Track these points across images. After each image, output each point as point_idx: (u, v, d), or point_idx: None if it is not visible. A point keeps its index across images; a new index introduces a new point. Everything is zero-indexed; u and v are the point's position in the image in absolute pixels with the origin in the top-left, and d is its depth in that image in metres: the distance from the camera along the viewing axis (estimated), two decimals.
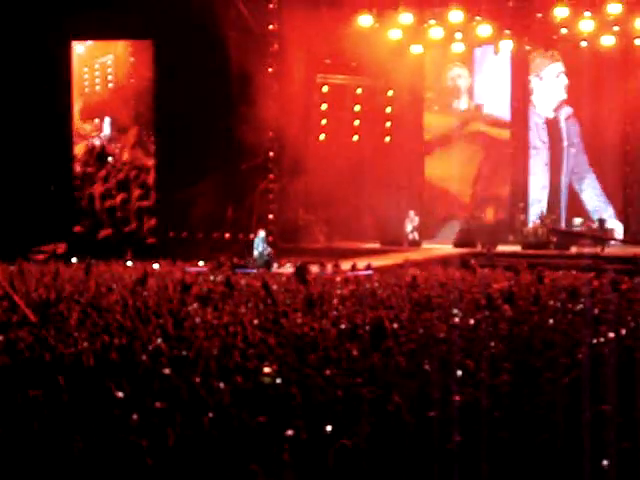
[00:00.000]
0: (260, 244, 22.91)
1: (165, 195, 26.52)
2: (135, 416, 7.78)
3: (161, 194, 26.70)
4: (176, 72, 25.93)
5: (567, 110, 27.95)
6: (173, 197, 26.12)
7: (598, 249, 24.66)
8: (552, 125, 28.20)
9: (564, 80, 27.72)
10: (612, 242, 26.02)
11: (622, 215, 27.29)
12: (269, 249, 22.96)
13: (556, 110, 28.07)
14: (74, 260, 23.96)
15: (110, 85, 28.23)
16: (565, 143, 27.95)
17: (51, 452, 6.93)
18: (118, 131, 28.08)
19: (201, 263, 23.25)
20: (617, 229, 26.93)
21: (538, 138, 28.26)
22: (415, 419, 7.65)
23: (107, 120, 27.99)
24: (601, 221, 26.41)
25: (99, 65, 28.18)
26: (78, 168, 28.00)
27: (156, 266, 22.08)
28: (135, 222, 27.29)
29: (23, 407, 8.07)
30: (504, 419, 7.48)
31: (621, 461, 6.60)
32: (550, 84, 27.91)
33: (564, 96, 27.85)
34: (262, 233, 23.20)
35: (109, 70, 28.21)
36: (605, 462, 6.50)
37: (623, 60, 26.73)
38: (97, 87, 28.36)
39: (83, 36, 27.38)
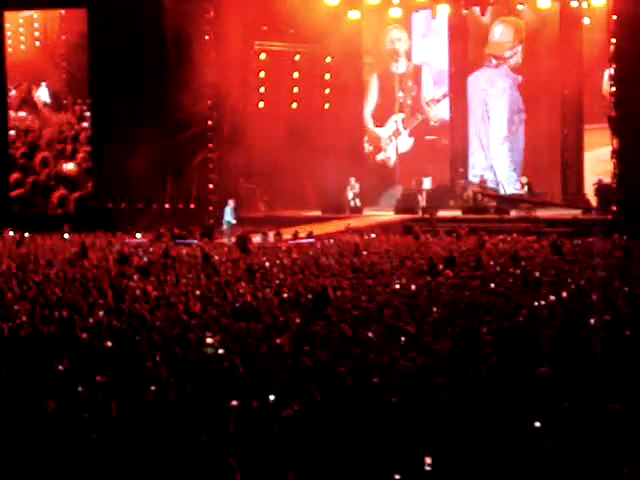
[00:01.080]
0: (229, 214, 22.90)
1: (102, 165, 26.20)
2: (77, 389, 7.72)
3: (98, 164, 26.37)
4: (111, 41, 25.56)
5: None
6: (110, 167, 25.81)
7: (536, 212, 24.95)
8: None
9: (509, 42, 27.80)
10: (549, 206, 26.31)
11: (561, 179, 27.59)
12: (233, 220, 22.96)
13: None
14: (11, 234, 23.66)
15: (37, 44, 27.82)
16: (507, 108, 28.04)
17: None
18: (52, 98, 27.67)
19: (140, 234, 23.08)
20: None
21: (481, 103, 28.33)
22: (359, 386, 7.67)
23: (43, 86, 27.49)
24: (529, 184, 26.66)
25: (24, 20, 27.73)
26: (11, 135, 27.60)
27: (95, 238, 21.89)
28: (72, 193, 26.96)
29: None
30: (446, 383, 7.51)
31: (560, 422, 6.66)
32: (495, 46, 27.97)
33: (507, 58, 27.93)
34: (231, 203, 23.14)
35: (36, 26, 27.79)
36: (538, 423, 6.56)
37: (561, 22, 26.92)
38: (22, 46, 27.92)
39: (17, 8, 26.95)
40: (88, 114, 26.79)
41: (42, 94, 27.50)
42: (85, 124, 26.94)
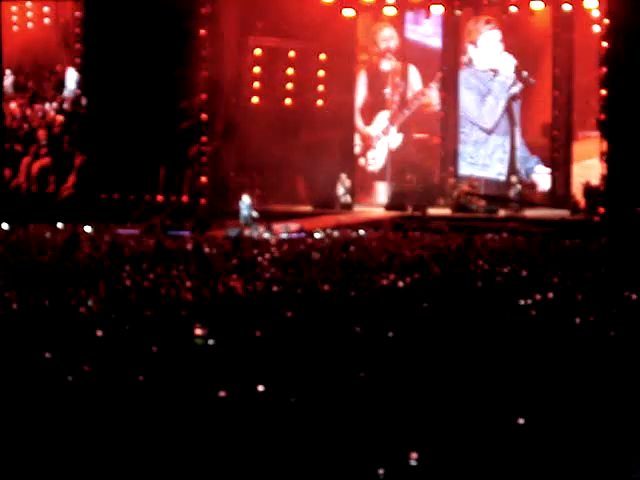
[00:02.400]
0: (246, 209, 23.07)
1: (96, 156, 26.27)
2: (67, 379, 7.80)
3: (91, 154, 26.43)
4: (105, 33, 25.63)
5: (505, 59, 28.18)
6: (103, 158, 25.89)
7: (525, 212, 25.16)
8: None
9: (500, 47, 27.95)
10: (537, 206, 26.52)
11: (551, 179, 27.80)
12: (254, 212, 23.19)
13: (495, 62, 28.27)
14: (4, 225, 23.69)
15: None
16: (501, 110, 28.21)
17: None
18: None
19: (132, 225, 23.17)
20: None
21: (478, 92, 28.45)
22: (347, 380, 7.80)
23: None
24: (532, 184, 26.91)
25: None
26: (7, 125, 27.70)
27: (87, 228, 21.95)
28: (65, 183, 27.02)
29: None
30: (433, 381, 7.64)
31: (542, 424, 6.80)
32: (486, 51, 28.11)
33: (499, 63, 28.09)
34: (247, 198, 23.33)
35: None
36: (521, 420, 6.70)
37: (552, 25, 27.08)
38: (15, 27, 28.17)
39: None
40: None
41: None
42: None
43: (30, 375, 7.97)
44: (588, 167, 26.24)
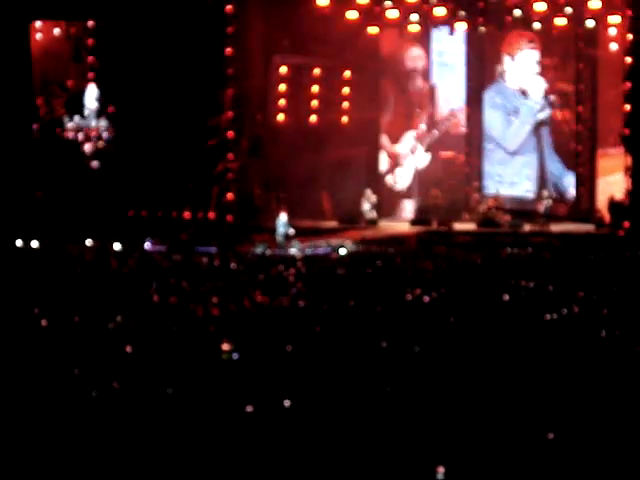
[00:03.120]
0: (282, 226, 23.21)
1: (122, 172, 26.42)
2: (93, 394, 7.88)
3: (119, 172, 26.58)
4: (129, 54, 25.82)
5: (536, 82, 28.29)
6: (131, 175, 26.06)
7: (550, 227, 25.17)
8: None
9: (535, 69, 28.06)
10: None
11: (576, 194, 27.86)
12: (291, 230, 23.27)
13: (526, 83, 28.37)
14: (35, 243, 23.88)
15: None
16: (525, 134, 28.34)
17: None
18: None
19: (160, 242, 23.30)
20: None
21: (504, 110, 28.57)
22: (372, 396, 7.86)
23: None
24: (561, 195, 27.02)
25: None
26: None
27: (117, 245, 22.13)
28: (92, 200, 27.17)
29: None
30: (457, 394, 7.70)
31: (571, 438, 6.84)
32: (522, 68, 28.22)
33: (531, 84, 28.19)
34: (284, 216, 23.45)
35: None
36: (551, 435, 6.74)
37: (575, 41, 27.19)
38: None
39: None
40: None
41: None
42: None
43: (59, 390, 8.11)
44: (610, 183, 26.30)
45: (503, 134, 28.50)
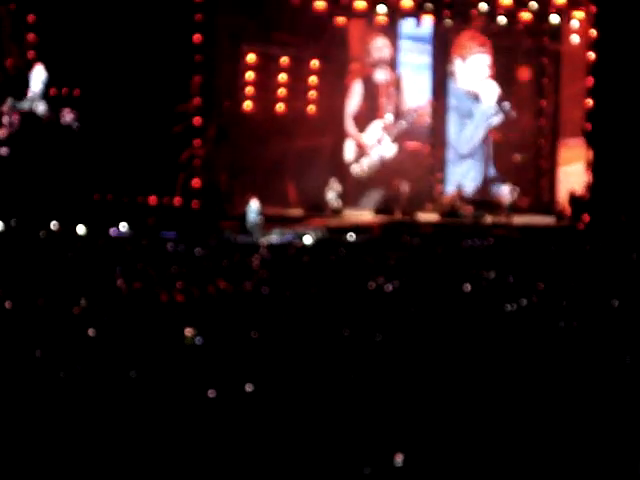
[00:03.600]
0: (253, 213, 23.23)
1: (89, 157, 26.35)
2: (58, 376, 7.96)
3: (84, 156, 26.50)
4: (97, 40, 25.73)
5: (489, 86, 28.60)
6: (96, 159, 26.00)
7: (511, 220, 25.45)
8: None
9: (486, 72, 28.35)
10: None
11: (534, 187, 28.22)
12: (260, 218, 23.30)
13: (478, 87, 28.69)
14: None
15: None
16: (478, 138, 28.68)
17: None
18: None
19: (125, 226, 23.29)
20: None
21: (458, 112, 28.89)
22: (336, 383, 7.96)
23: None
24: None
25: None
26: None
27: (81, 229, 22.10)
28: (57, 185, 27.08)
29: None
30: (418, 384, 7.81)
31: (540, 425, 7.01)
32: (473, 71, 28.50)
33: (486, 75, 28.47)
34: (255, 203, 23.45)
35: None
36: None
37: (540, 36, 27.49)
38: None
39: None
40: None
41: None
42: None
43: (23, 374, 8.16)
44: (569, 174, 26.67)
45: (457, 137, 28.87)
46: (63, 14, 25.61)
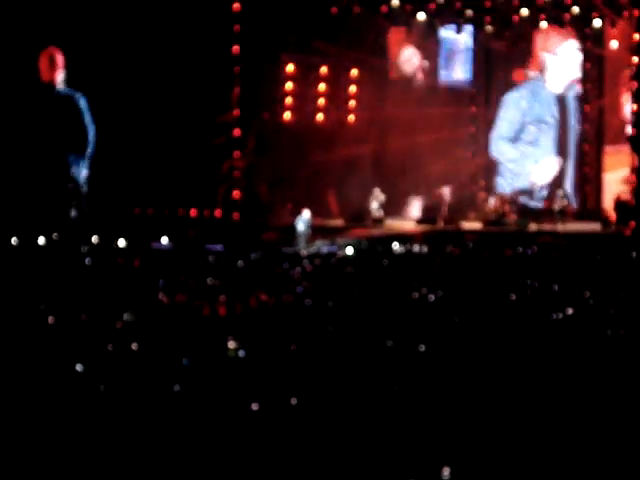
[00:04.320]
0: (303, 223, 23.21)
1: (130, 170, 26.43)
2: (99, 389, 7.89)
3: (122, 168, 26.57)
4: (137, 51, 25.81)
5: (576, 88, 28.29)
6: (136, 172, 26.06)
7: (557, 227, 25.17)
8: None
9: (578, 57, 27.94)
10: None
11: (580, 193, 27.91)
12: (309, 229, 23.27)
13: (566, 88, 28.37)
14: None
15: None
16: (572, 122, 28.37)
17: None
18: None
19: (166, 239, 23.32)
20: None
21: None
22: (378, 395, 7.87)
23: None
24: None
25: None
26: None
27: (122, 243, 22.15)
28: (98, 199, 27.19)
29: None
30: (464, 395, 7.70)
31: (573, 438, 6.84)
32: (564, 61, 28.12)
33: (577, 74, 28.13)
34: (307, 214, 23.43)
35: None
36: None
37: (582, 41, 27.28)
38: None
39: None
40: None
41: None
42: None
43: (64, 388, 8.10)
44: (613, 180, 26.39)
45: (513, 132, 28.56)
46: (100, 29, 25.74)
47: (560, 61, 28.06)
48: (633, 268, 17.86)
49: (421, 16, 27.03)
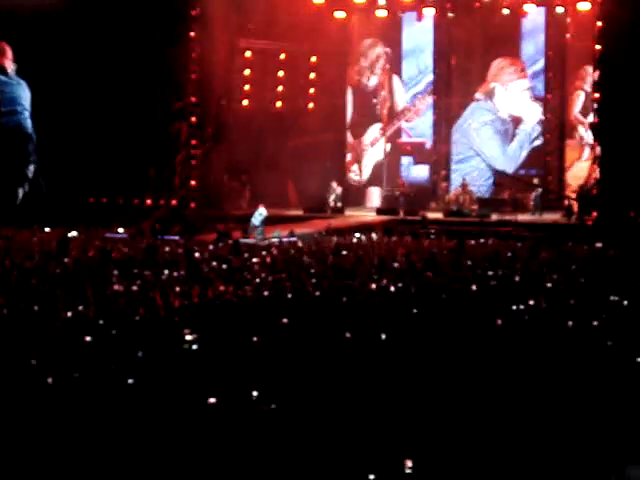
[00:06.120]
0: (258, 218, 22.96)
1: (84, 158, 26.04)
2: (50, 383, 7.69)
3: (78, 157, 26.18)
4: (90, 38, 25.38)
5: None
6: (91, 161, 25.67)
7: (517, 217, 25.15)
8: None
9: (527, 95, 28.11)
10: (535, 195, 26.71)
11: (543, 183, 27.94)
12: (263, 225, 23.06)
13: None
14: None
15: None
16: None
17: None
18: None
19: (121, 229, 23.04)
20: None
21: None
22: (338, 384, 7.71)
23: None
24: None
25: None
26: None
27: (74, 233, 21.78)
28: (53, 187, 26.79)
29: None
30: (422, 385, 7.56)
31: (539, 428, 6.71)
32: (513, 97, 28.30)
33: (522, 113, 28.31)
34: (263, 210, 23.17)
35: None
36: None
37: (545, 27, 27.25)
38: None
39: None
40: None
41: None
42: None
43: (17, 381, 7.88)
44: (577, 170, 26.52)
45: (498, 154, 28.52)
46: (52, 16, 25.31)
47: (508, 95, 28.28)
48: (595, 258, 17.81)
49: (381, 1, 26.95)
